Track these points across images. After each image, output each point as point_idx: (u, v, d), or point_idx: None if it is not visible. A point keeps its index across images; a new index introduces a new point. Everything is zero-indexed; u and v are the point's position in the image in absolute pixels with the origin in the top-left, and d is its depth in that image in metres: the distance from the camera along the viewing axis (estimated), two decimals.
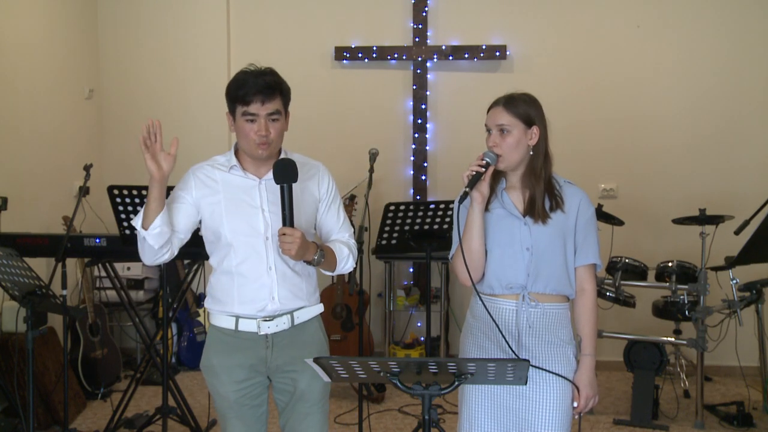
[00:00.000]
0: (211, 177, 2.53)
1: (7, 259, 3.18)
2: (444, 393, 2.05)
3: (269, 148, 2.45)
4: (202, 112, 5.73)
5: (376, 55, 5.63)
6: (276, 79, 2.43)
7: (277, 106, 2.43)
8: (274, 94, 2.41)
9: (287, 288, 2.50)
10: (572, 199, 2.49)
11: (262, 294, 2.48)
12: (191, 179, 2.55)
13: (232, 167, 2.53)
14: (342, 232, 2.63)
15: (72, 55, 5.42)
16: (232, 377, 2.52)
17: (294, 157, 2.56)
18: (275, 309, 2.49)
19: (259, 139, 2.42)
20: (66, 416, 4.06)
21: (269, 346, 2.51)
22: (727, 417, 4.53)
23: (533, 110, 2.45)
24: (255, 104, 2.40)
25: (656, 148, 5.53)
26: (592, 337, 2.51)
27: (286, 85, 2.48)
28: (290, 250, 2.34)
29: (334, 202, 2.62)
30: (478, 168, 2.38)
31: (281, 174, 2.35)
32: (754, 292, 4.51)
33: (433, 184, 5.72)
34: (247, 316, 2.49)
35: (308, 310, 2.57)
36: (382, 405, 4.81)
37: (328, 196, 2.60)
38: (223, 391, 2.54)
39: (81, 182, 3.99)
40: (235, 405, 2.55)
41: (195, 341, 5.51)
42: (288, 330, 2.52)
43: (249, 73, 2.42)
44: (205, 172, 2.55)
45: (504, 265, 2.46)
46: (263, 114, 2.41)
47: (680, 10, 5.50)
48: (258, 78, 2.40)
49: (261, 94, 2.38)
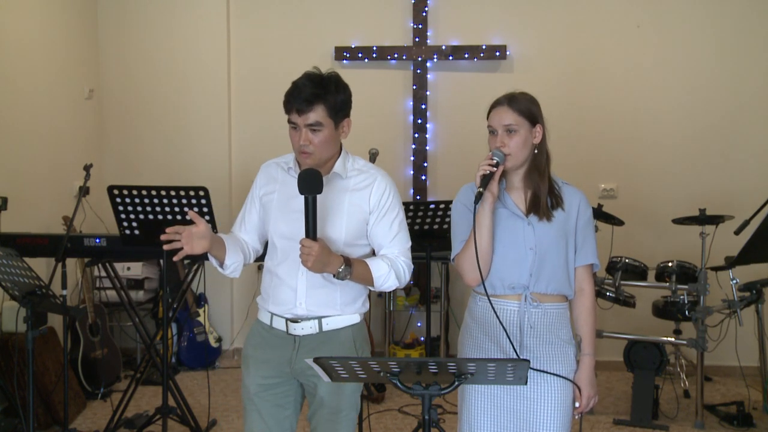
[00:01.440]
0: (273, 176, 2.58)
1: (7, 259, 3.18)
2: (444, 393, 2.05)
3: (312, 157, 2.43)
4: (203, 111, 5.73)
5: (376, 55, 5.63)
6: (318, 91, 2.38)
7: (317, 117, 2.39)
8: (311, 105, 2.38)
9: (317, 295, 2.48)
10: (572, 200, 2.50)
11: (290, 297, 2.49)
12: (259, 179, 2.63)
13: (289, 168, 2.54)
14: (392, 246, 2.51)
15: (72, 55, 5.42)
16: (258, 371, 2.55)
17: (357, 163, 2.55)
18: (301, 314, 2.49)
19: (299, 147, 2.43)
20: (66, 416, 4.06)
21: (296, 347, 2.51)
22: (727, 417, 4.53)
23: (535, 108, 2.46)
24: (293, 114, 2.41)
25: (656, 148, 5.53)
26: (591, 337, 2.52)
27: (334, 94, 2.41)
28: (306, 262, 2.33)
29: (387, 215, 2.50)
30: (489, 168, 2.38)
31: (305, 185, 2.35)
32: (754, 292, 4.51)
33: (433, 184, 5.72)
34: (278, 315, 2.53)
35: (340, 318, 2.52)
36: (382, 405, 4.81)
37: (379, 208, 2.50)
38: (248, 381, 2.58)
39: (81, 182, 3.99)
40: (255, 398, 2.56)
41: (195, 341, 5.51)
42: (316, 335, 2.50)
43: (302, 79, 2.42)
44: (271, 170, 2.60)
45: (507, 265, 2.45)
46: (302, 124, 2.41)
47: (680, 10, 5.50)
48: (303, 87, 2.39)
49: (298, 104, 2.39)
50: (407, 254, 2.54)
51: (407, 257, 2.53)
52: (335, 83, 2.43)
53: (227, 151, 5.76)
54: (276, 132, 5.55)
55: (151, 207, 3.68)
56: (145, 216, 3.70)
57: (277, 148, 2.94)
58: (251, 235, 2.62)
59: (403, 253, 2.52)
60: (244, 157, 5.73)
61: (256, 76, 5.71)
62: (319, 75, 2.43)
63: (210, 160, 5.71)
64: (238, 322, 5.83)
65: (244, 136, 5.78)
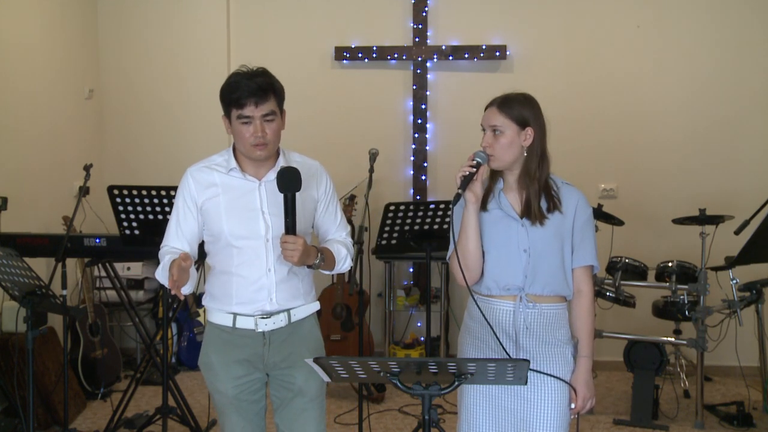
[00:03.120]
0: (210, 179, 2.52)
1: (7, 259, 3.18)
2: (444, 393, 2.05)
3: (266, 148, 2.45)
4: (202, 111, 5.72)
5: (376, 55, 5.62)
6: (268, 80, 2.43)
7: (271, 107, 2.43)
8: (267, 95, 2.41)
9: (285, 289, 2.52)
10: (569, 200, 2.49)
11: (260, 295, 2.50)
12: (191, 183, 2.52)
13: (231, 169, 2.52)
14: (339, 231, 2.66)
15: (72, 55, 5.42)
16: (230, 373, 2.55)
17: (292, 156, 2.58)
18: (273, 309, 2.51)
19: (255, 140, 2.42)
20: (66, 416, 4.06)
21: (266, 343, 2.53)
22: (727, 417, 4.52)
23: (528, 111, 2.44)
24: (249, 107, 2.40)
25: (656, 147, 5.53)
26: (589, 338, 2.52)
27: (279, 84, 2.48)
28: (293, 257, 2.36)
29: (332, 202, 2.65)
30: (469, 169, 2.40)
31: (285, 183, 2.36)
32: (754, 292, 4.51)
33: (433, 184, 5.72)
34: (245, 314, 2.52)
35: (305, 308, 2.60)
36: (382, 405, 4.81)
37: (326, 197, 2.63)
38: (222, 387, 2.57)
39: (81, 182, 4.00)
40: (234, 400, 2.57)
41: (195, 341, 5.51)
42: (285, 327, 2.54)
43: (241, 75, 2.42)
44: (204, 174, 2.53)
45: (501, 267, 2.46)
46: (258, 116, 2.41)
47: (680, 10, 5.49)
48: (250, 80, 2.40)
49: (254, 96, 2.38)
50: (350, 235, 2.72)
51: (351, 238, 2.72)
52: (273, 75, 2.48)
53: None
54: None
55: (151, 207, 3.68)
56: (145, 216, 3.70)
57: None
58: (185, 242, 2.52)
59: (348, 236, 2.70)
60: None
61: None
62: (257, 68, 2.46)
63: None
64: None
65: None
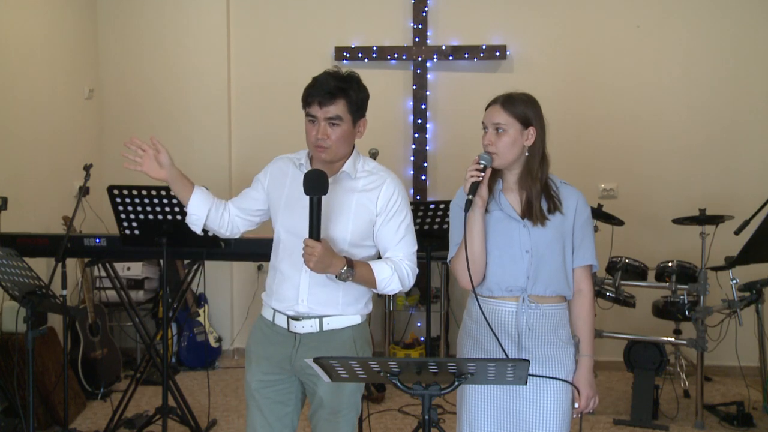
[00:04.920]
0: (284, 170, 2.58)
1: (7, 259, 3.18)
2: (444, 393, 2.05)
3: (327, 152, 2.45)
4: (203, 111, 5.73)
5: (376, 55, 5.63)
6: (343, 85, 2.42)
7: (338, 111, 2.42)
8: (335, 98, 2.41)
9: (319, 294, 2.48)
10: (569, 200, 2.49)
11: (291, 294, 2.50)
12: (269, 168, 2.63)
13: (300, 165, 2.55)
14: (397, 250, 2.49)
15: (72, 55, 5.42)
16: (259, 367, 2.56)
17: (367, 165, 2.55)
18: (303, 311, 2.50)
19: (315, 141, 2.44)
20: (66, 416, 4.06)
21: (296, 345, 2.51)
22: (727, 417, 4.52)
23: (531, 111, 2.45)
24: (314, 106, 2.42)
25: (656, 147, 5.53)
26: (590, 338, 2.52)
27: (357, 92, 2.45)
28: (308, 262, 2.34)
29: (395, 217, 2.49)
30: (476, 173, 2.39)
31: (310, 186, 2.35)
32: (754, 292, 4.51)
33: (433, 184, 5.72)
34: (280, 311, 2.53)
35: (341, 318, 2.52)
36: (382, 405, 4.81)
37: (387, 210, 2.49)
38: (249, 377, 2.59)
39: (81, 182, 3.99)
40: (256, 394, 2.56)
41: (195, 341, 5.51)
42: (317, 333, 2.50)
43: (324, 75, 2.45)
44: (282, 164, 2.61)
45: (503, 268, 2.45)
46: (321, 117, 2.42)
47: (680, 10, 5.49)
48: (326, 81, 2.42)
49: (321, 96, 2.40)
50: (412, 258, 2.52)
51: (412, 261, 2.52)
52: (357, 81, 2.48)
53: (227, 151, 5.76)
54: (276, 132, 5.59)
55: (151, 207, 3.68)
56: (145, 216, 3.70)
57: (278, 147, 2.93)
58: (238, 208, 2.64)
59: (408, 257, 2.51)
60: (244, 158, 5.73)
61: (257, 77, 5.71)
62: (341, 72, 2.47)
63: (210, 160, 5.70)
64: (238, 322, 5.83)
65: (244, 136, 5.78)
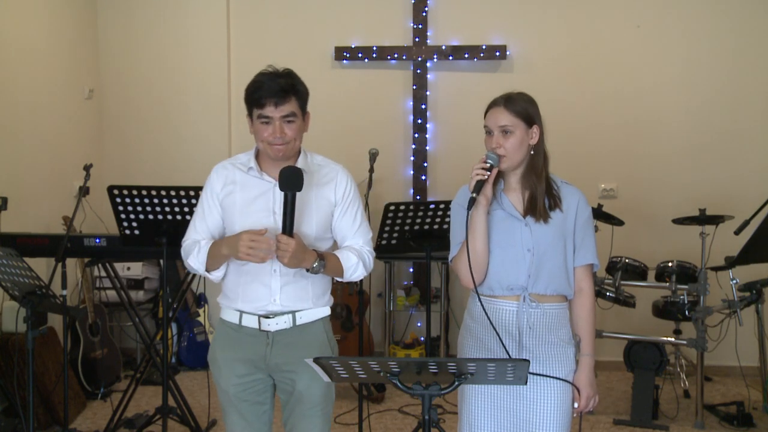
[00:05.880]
0: (231, 176, 2.57)
1: (7, 259, 3.18)
2: (444, 393, 2.05)
3: (286, 148, 2.47)
4: (202, 112, 5.73)
5: (376, 55, 5.62)
6: (291, 82, 2.45)
7: (292, 108, 2.44)
8: (288, 96, 2.43)
9: (290, 290, 2.51)
10: (570, 199, 2.49)
11: (263, 294, 2.50)
12: (214, 178, 2.60)
13: (249, 168, 2.55)
14: (356, 237, 2.57)
15: (72, 55, 5.42)
16: (232, 371, 2.55)
17: (315, 158, 2.59)
18: (276, 309, 2.51)
19: (273, 140, 2.45)
20: (66, 416, 4.06)
21: (269, 343, 2.52)
22: (727, 417, 4.52)
23: (532, 109, 2.46)
24: (269, 107, 2.42)
25: (656, 147, 5.53)
26: (590, 337, 2.52)
27: (302, 86, 2.49)
28: (282, 258, 2.35)
29: (350, 207, 2.57)
30: (482, 172, 2.38)
31: (286, 182, 2.36)
32: (754, 292, 4.51)
33: (433, 184, 5.72)
34: (249, 312, 2.52)
35: (312, 311, 2.56)
36: (382, 405, 4.81)
37: (344, 201, 2.56)
38: (224, 384, 2.57)
39: (81, 182, 3.99)
40: (234, 399, 2.56)
41: (195, 341, 5.51)
42: (290, 329, 2.52)
43: (265, 75, 2.45)
44: (227, 172, 2.59)
45: (505, 267, 2.45)
46: (277, 116, 2.43)
47: (681, 10, 5.50)
48: (273, 81, 2.42)
49: (275, 96, 2.41)
50: (370, 243, 2.62)
51: (370, 246, 2.62)
52: (298, 77, 2.50)
53: (227, 151, 5.75)
54: None
55: (151, 207, 3.68)
56: (145, 216, 3.70)
57: None
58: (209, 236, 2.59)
59: (367, 243, 2.60)
60: None
61: None
62: (282, 69, 2.48)
63: (210, 160, 5.63)
64: None
65: (244, 136, 5.73)
